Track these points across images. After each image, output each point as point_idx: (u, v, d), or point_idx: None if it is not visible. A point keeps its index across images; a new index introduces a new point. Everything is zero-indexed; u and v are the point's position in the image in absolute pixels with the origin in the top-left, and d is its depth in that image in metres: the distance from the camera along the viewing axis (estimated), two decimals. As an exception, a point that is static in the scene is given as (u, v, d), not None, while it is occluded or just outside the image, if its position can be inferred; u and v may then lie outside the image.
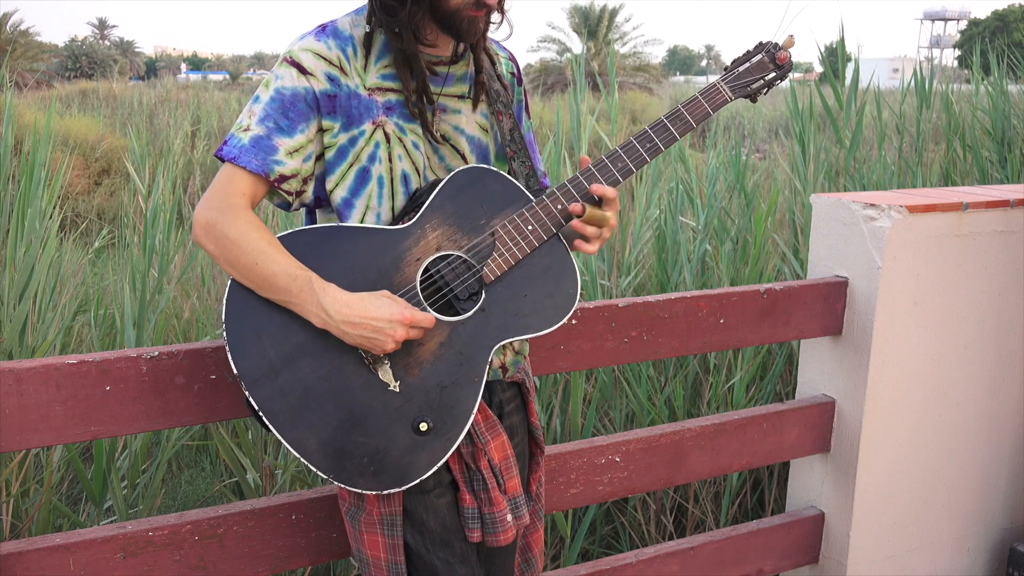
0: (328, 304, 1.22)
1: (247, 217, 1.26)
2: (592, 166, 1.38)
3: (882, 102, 3.90)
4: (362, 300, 1.23)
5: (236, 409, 1.50)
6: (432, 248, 1.31)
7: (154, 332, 2.70)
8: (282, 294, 1.24)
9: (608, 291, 3.10)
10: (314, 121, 1.31)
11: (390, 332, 1.22)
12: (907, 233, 2.10)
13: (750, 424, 2.10)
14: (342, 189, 1.34)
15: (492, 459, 1.38)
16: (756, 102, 1.48)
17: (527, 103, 1.54)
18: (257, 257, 1.23)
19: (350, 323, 1.22)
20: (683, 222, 3.35)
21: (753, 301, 2.04)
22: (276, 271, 1.23)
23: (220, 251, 1.25)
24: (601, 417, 2.84)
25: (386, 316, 1.22)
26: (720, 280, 3.08)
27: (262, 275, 1.23)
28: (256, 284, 1.25)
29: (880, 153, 3.71)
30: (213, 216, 1.25)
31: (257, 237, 1.24)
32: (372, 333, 1.22)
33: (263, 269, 1.23)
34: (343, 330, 1.23)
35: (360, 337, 1.23)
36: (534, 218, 1.35)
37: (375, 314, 1.22)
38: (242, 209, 1.26)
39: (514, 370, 1.46)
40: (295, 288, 1.23)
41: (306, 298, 1.23)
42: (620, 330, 1.88)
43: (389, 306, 1.23)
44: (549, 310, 1.34)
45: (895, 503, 2.26)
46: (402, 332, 1.23)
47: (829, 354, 2.22)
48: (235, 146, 1.28)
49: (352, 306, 1.22)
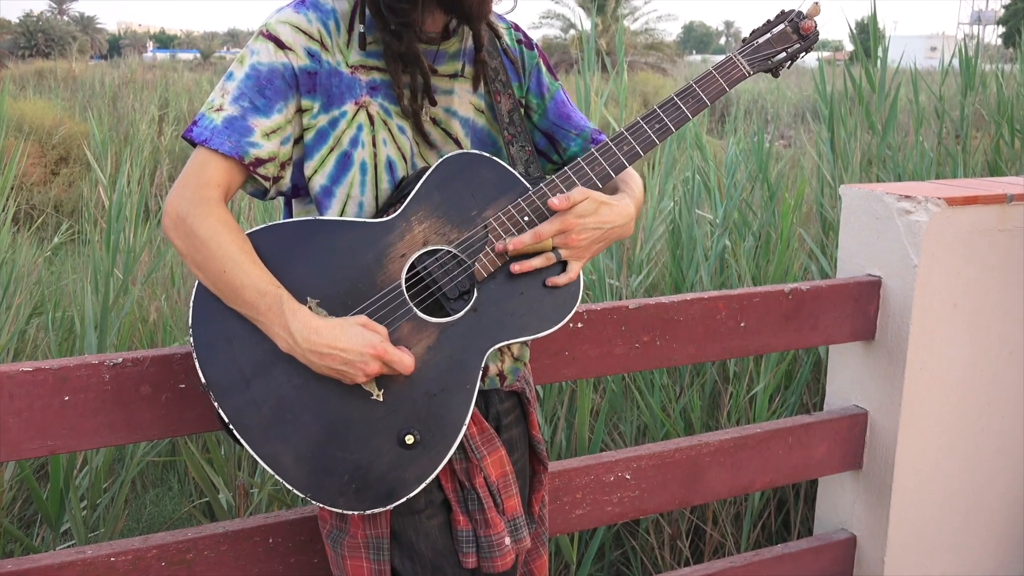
0: (296, 329, 1.22)
1: (220, 215, 1.26)
2: (595, 150, 1.38)
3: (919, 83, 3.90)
4: (333, 328, 1.22)
5: (207, 421, 1.49)
6: (419, 243, 1.31)
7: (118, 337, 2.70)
8: (248, 309, 1.24)
9: (617, 291, 3.10)
10: (292, 100, 1.30)
11: (360, 365, 1.22)
12: (946, 228, 2.09)
13: (774, 438, 2.10)
14: (321, 176, 1.33)
15: (488, 476, 1.38)
16: (778, 76, 1.48)
17: (548, 65, 1.52)
18: (226, 264, 1.23)
19: (317, 352, 1.22)
20: (700, 215, 3.35)
21: (777, 303, 2.04)
22: (245, 283, 1.23)
23: (188, 249, 1.25)
24: (610, 430, 2.84)
25: (357, 348, 1.22)
26: (741, 279, 3.08)
27: (229, 284, 1.23)
28: (222, 292, 1.25)
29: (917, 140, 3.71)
30: (185, 209, 1.25)
31: (229, 240, 1.24)
32: (341, 365, 1.22)
33: (231, 278, 1.23)
34: (309, 359, 1.22)
35: (328, 368, 1.23)
36: (531, 208, 1.35)
37: (345, 344, 1.22)
38: (215, 204, 1.26)
39: (513, 378, 1.46)
40: (263, 306, 1.23)
41: (273, 318, 1.23)
42: (630, 334, 1.88)
43: (361, 336, 1.22)
44: (548, 309, 1.33)
45: (933, 525, 2.25)
46: (374, 366, 1.23)
47: (861, 361, 2.22)
48: (206, 127, 1.28)
49: (322, 334, 1.22)
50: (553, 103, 1.52)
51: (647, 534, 2.63)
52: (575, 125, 1.53)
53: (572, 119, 1.52)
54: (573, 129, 1.52)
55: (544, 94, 1.51)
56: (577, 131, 1.53)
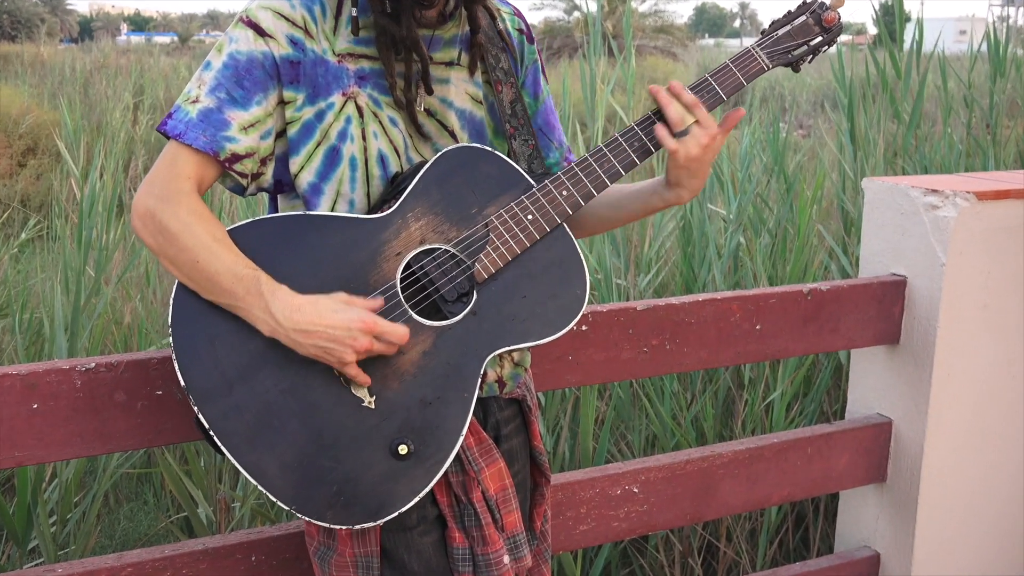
0: (278, 309, 1.22)
1: (192, 206, 1.26)
2: (605, 148, 1.38)
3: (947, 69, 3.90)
4: (316, 304, 1.23)
5: (186, 431, 1.50)
6: (415, 241, 1.32)
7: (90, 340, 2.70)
8: (227, 297, 1.24)
9: (624, 292, 3.11)
10: (273, 92, 1.31)
11: (348, 341, 1.22)
12: (975, 224, 2.10)
13: (792, 449, 2.10)
14: (308, 172, 1.34)
15: (487, 490, 1.38)
16: (799, 71, 1.49)
17: (542, 65, 1.54)
18: (199, 254, 1.23)
19: (302, 331, 1.22)
20: (712, 211, 3.35)
21: (795, 304, 2.04)
22: (220, 270, 1.23)
23: (160, 246, 1.26)
24: (617, 440, 2.85)
25: (343, 322, 1.22)
26: (756, 279, 3.08)
27: (204, 274, 1.24)
28: (199, 285, 1.25)
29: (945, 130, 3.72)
30: (153, 204, 1.25)
31: (201, 230, 1.24)
32: (327, 342, 1.22)
33: (205, 267, 1.23)
34: (294, 339, 1.23)
35: (314, 348, 1.23)
36: (535, 206, 1.35)
37: (330, 320, 1.22)
38: (186, 196, 1.26)
39: (513, 385, 1.47)
40: (240, 290, 1.23)
41: (253, 302, 1.23)
42: (638, 338, 1.89)
43: (346, 310, 1.23)
44: (553, 314, 1.34)
45: (962, 542, 2.26)
46: (364, 341, 1.22)
47: (884, 366, 2.22)
48: (181, 120, 1.28)
49: (304, 311, 1.22)
50: (543, 107, 1.53)
51: (656, 552, 2.63)
52: (557, 137, 1.55)
53: (556, 130, 1.54)
54: (555, 141, 1.54)
55: (539, 95, 1.52)
56: (558, 144, 1.55)
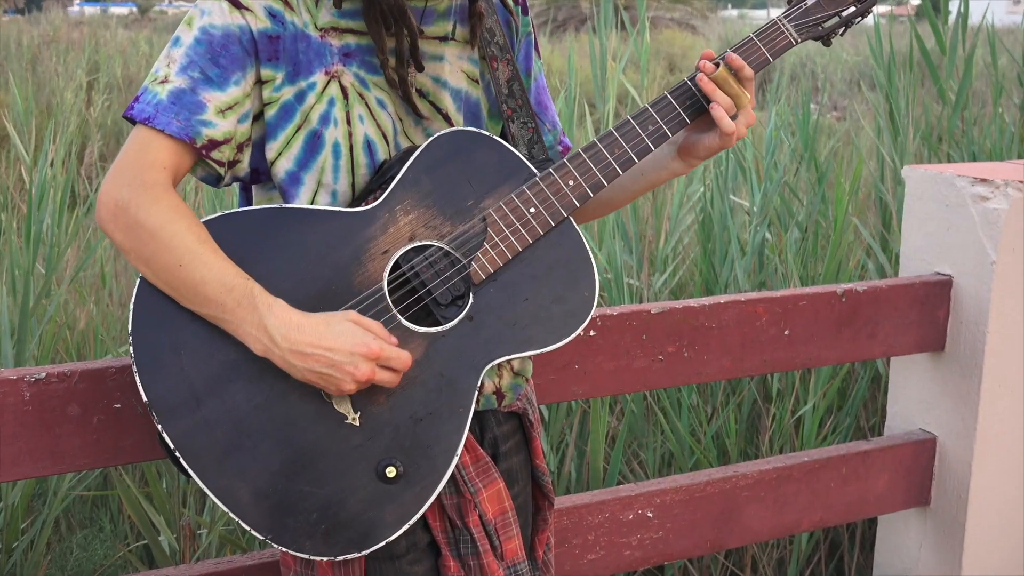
0: (274, 326, 1.22)
1: (170, 200, 1.26)
2: (616, 132, 1.39)
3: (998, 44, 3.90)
4: (318, 324, 1.23)
5: (148, 449, 1.50)
6: (404, 237, 1.32)
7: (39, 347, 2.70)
8: (212, 308, 1.24)
9: (637, 293, 3.11)
10: (251, 70, 1.31)
11: (349, 368, 1.22)
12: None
13: (824, 468, 2.11)
14: (287, 159, 1.34)
15: (484, 513, 1.38)
16: (830, 45, 1.49)
17: (536, 40, 1.54)
18: (183, 256, 1.23)
19: (299, 353, 1.22)
20: (735, 202, 3.35)
21: (828, 306, 2.05)
22: (207, 278, 1.23)
23: (133, 244, 1.25)
24: (629, 459, 2.85)
25: (346, 347, 1.22)
26: (784, 279, 3.09)
27: (187, 281, 1.24)
28: (178, 291, 1.25)
29: (996, 112, 3.72)
30: (125, 196, 1.25)
31: (184, 229, 1.24)
32: (326, 368, 1.22)
33: (189, 274, 1.23)
34: (289, 361, 1.23)
35: (310, 372, 1.23)
36: (538, 198, 1.35)
37: (332, 343, 1.22)
38: (163, 189, 1.26)
39: (513, 397, 1.47)
40: (230, 302, 1.23)
41: (244, 316, 1.23)
42: (653, 344, 1.89)
43: (352, 334, 1.23)
44: (557, 318, 1.34)
45: (1014, 572, 2.26)
46: (365, 369, 1.23)
47: (928, 376, 2.23)
48: (150, 103, 1.28)
49: (304, 330, 1.22)
50: (536, 85, 1.53)
51: (673, 583, 2.64)
52: (551, 118, 1.55)
53: (549, 110, 1.55)
54: (548, 122, 1.55)
55: (531, 72, 1.52)
56: (551, 125, 1.55)
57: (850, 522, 2.49)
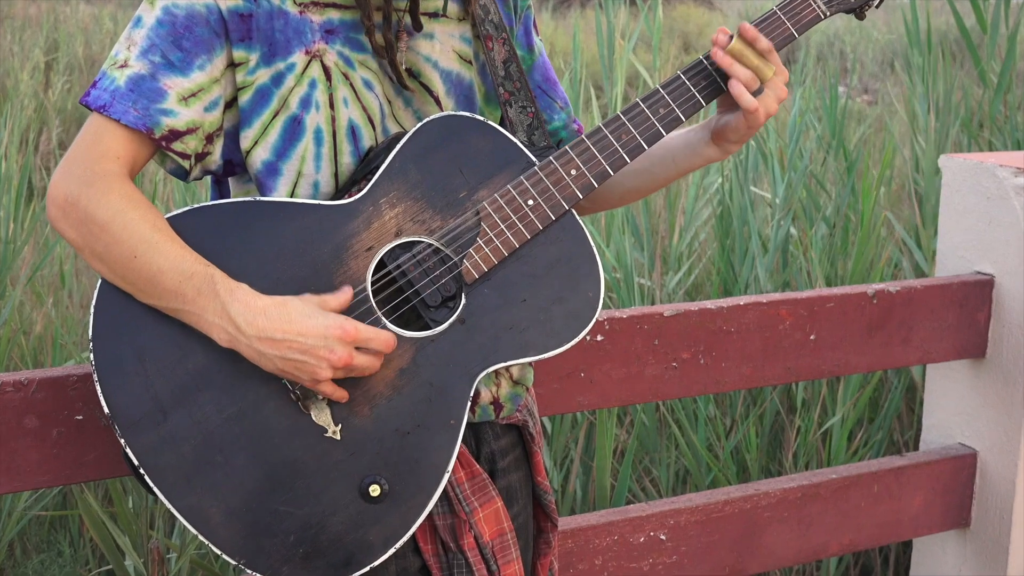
0: (238, 312, 1.22)
1: (123, 190, 1.26)
2: (623, 116, 1.39)
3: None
4: (286, 307, 1.23)
5: (112, 464, 1.50)
6: (390, 232, 1.32)
7: (-8, 354, 2.70)
8: (171, 299, 1.24)
9: (649, 293, 3.11)
10: (220, 52, 1.31)
11: (324, 353, 1.22)
12: (1079, 210, 2.10)
13: (854, 486, 2.10)
14: (264, 148, 1.34)
15: (480, 535, 1.38)
16: (863, 19, 1.49)
17: (534, 17, 1.55)
18: (137, 247, 1.24)
19: (269, 339, 1.22)
20: (756, 194, 3.35)
21: (858, 309, 2.05)
22: (163, 267, 1.23)
23: (85, 239, 1.26)
24: (640, 476, 2.85)
25: (318, 329, 1.22)
26: (810, 279, 3.09)
27: (143, 272, 1.24)
28: (135, 285, 1.25)
29: (1042, 95, 3.72)
30: (75, 189, 1.26)
31: (137, 218, 1.25)
32: (298, 354, 1.22)
33: (145, 264, 1.23)
34: (258, 349, 1.23)
35: (282, 360, 1.23)
36: (537, 189, 1.35)
37: (303, 327, 1.22)
38: (116, 179, 1.27)
39: (512, 408, 1.47)
40: (190, 291, 1.23)
41: (206, 304, 1.23)
42: (666, 350, 1.89)
43: (321, 315, 1.23)
44: (559, 321, 1.34)
45: (1063, 600, 2.26)
46: (342, 353, 1.23)
47: (967, 385, 2.22)
48: (106, 89, 1.28)
49: (271, 315, 1.22)
50: (541, 61, 1.54)
51: (688, 612, 2.64)
52: (560, 95, 1.55)
53: (558, 87, 1.55)
54: (559, 99, 1.55)
55: (533, 48, 1.52)
56: (562, 103, 1.55)
57: (882, 545, 2.49)
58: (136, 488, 2.44)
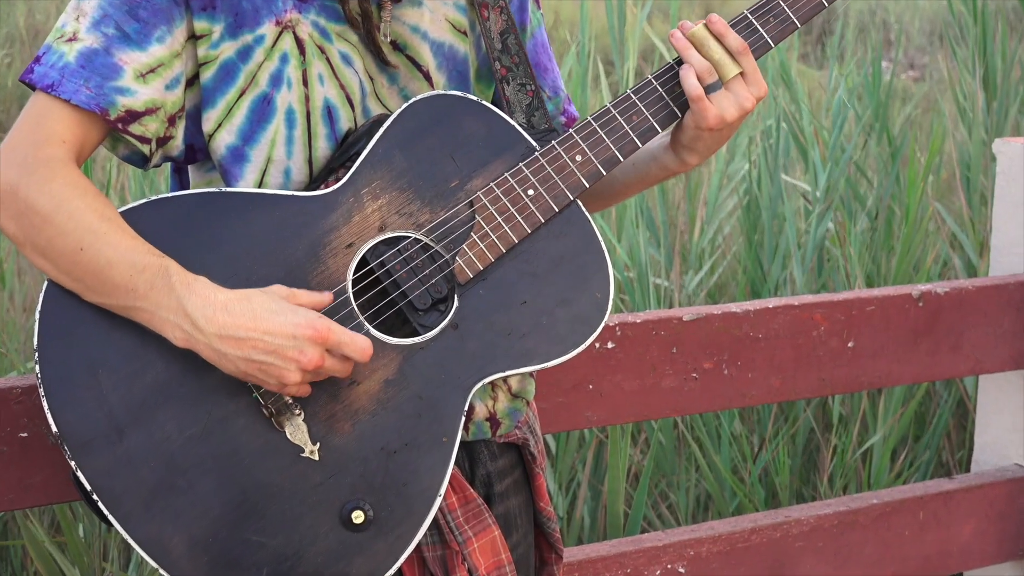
0: (195, 308, 1.22)
1: (68, 177, 1.26)
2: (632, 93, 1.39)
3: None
4: (251, 302, 1.23)
5: (61, 488, 1.50)
6: (372, 227, 1.32)
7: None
8: (122, 296, 1.24)
9: (667, 295, 3.11)
10: (181, 23, 1.31)
11: (293, 354, 1.22)
12: None
13: (897, 513, 2.11)
14: (228, 132, 1.34)
15: (475, 567, 1.39)
16: None
17: None
18: (83, 238, 1.24)
19: (230, 338, 1.22)
20: (788, 183, 3.35)
21: (902, 312, 2.05)
22: (113, 259, 1.23)
23: (26, 233, 1.26)
24: (656, 501, 2.85)
25: (287, 328, 1.22)
26: (849, 279, 3.09)
27: (91, 267, 1.24)
28: (82, 282, 1.25)
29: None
30: (14, 178, 1.26)
31: (83, 207, 1.25)
32: (264, 355, 1.22)
33: (92, 257, 1.23)
34: (218, 349, 1.23)
35: (244, 361, 1.23)
36: (538, 177, 1.36)
37: (269, 324, 1.22)
38: (60, 165, 1.27)
39: (510, 424, 1.47)
40: (142, 286, 1.23)
41: (159, 300, 1.23)
42: (686, 359, 1.89)
43: (290, 311, 1.23)
44: (564, 326, 1.34)
45: None
46: (313, 355, 1.22)
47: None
48: (53, 66, 1.28)
49: (233, 311, 1.22)
50: (533, 44, 1.53)
51: (710, 655, 2.64)
52: (551, 83, 1.55)
53: (549, 73, 1.55)
54: (548, 87, 1.55)
55: (527, 25, 1.52)
56: (552, 91, 1.55)
57: (930, 579, 2.49)
58: (88, 515, 2.44)
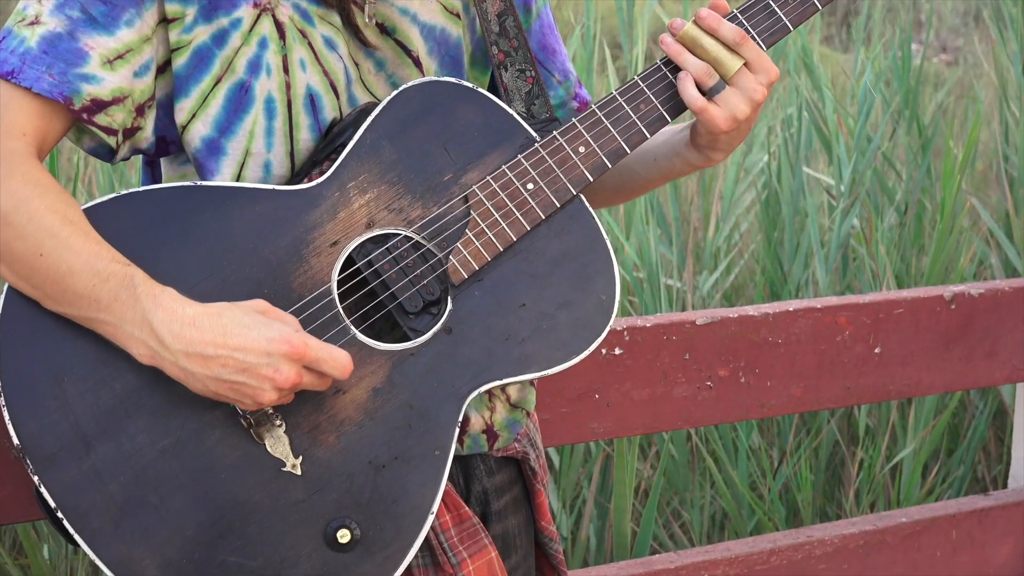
0: (161, 322, 1.22)
1: (29, 174, 1.26)
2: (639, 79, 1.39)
3: None
4: (221, 317, 1.22)
5: (22, 506, 1.51)
6: (359, 223, 1.33)
7: None
8: (84, 307, 1.24)
9: (679, 297, 3.11)
10: (151, 5, 1.31)
11: (267, 372, 1.21)
12: None
13: (928, 532, 2.11)
14: (203, 123, 1.35)
15: (471, 593, 1.39)
16: None
17: None
18: (43, 243, 1.23)
19: (198, 355, 1.21)
20: (810, 176, 3.35)
21: (933, 316, 2.05)
22: (74, 266, 1.23)
23: None
24: (667, 520, 2.85)
25: (260, 344, 1.21)
26: (876, 280, 3.09)
27: (50, 274, 1.24)
28: (41, 290, 1.25)
29: None
30: None
31: (44, 208, 1.25)
32: (235, 374, 1.22)
33: (52, 264, 1.23)
34: (185, 367, 1.22)
35: (215, 381, 1.22)
36: (538, 170, 1.36)
37: (240, 340, 1.21)
38: (20, 160, 1.27)
39: (509, 437, 1.48)
40: (105, 296, 1.23)
41: (123, 312, 1.23)
42: (699, 366, 1.89)
43: (265, 325, 1.22)
44: (566, 330, 1.35)
45: None
46: (289, 373, 1.22)
47: (1067, 408, 2.23)
48: (13, 52, 1.29)
49: (202, 326, 1.22)
50: (539, 24, 1.54)
51: None
52: (560, 66, 1.56)
53: (558, 55, 1.56)
54: (557, 71, 1.55)
55: (531, 7, 1.52)
56: (562, 75, 1.56)
57: (964, 604, 2.49)
58: (53, 535, 2.45)
